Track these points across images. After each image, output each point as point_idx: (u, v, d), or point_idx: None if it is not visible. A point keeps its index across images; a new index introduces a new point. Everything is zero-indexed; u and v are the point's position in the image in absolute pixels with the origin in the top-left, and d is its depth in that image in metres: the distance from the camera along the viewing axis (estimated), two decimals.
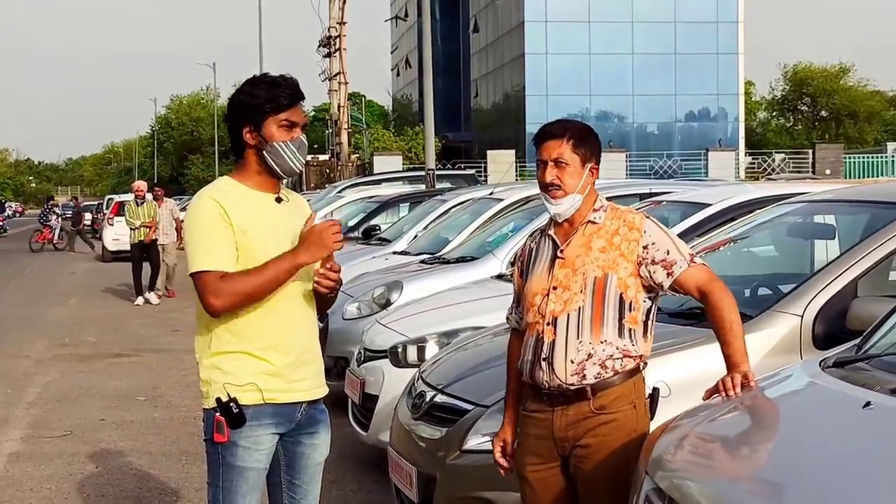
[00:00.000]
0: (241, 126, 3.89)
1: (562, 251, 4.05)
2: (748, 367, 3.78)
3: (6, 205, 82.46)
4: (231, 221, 3.80)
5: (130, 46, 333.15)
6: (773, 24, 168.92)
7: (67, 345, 14.08)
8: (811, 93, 72.61)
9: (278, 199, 3.96)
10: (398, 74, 77.23)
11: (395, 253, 12.34)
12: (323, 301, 4.00)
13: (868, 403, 3.13)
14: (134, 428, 8.96)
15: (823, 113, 74.28)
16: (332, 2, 44.53)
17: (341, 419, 8.21)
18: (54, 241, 38.81)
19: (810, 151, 46.23)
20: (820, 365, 3.71)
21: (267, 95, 3.85)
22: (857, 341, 3.92)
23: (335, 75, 44.69)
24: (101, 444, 8.39)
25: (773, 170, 46.05)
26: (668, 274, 3.91)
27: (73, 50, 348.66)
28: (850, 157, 47.19)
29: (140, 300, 18.93)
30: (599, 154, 4.18)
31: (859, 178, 43.56)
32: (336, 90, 44.75)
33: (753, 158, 50.46)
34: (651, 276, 3.93)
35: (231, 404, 3.80)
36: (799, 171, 44.54)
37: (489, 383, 5.00)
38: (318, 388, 4.02)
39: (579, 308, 3.94)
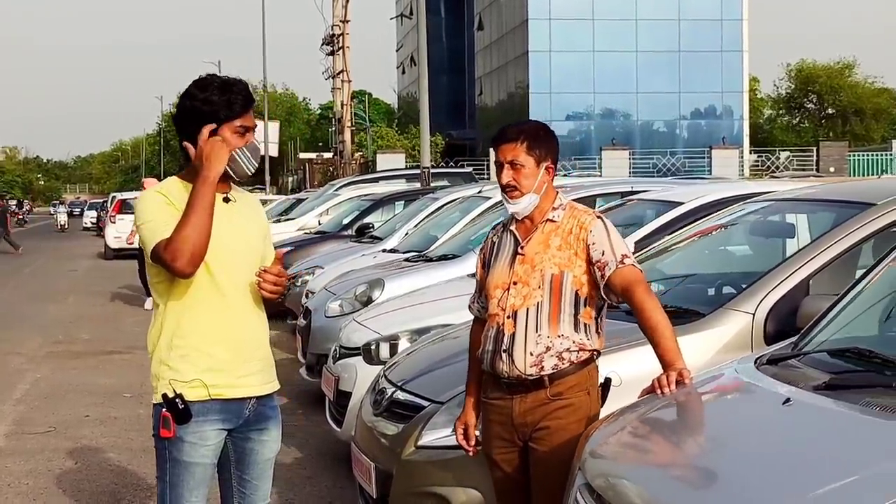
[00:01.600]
0: (195, 132, 3.94)
1: (522, 248, 4.21)
2: (683, 365, 3.85)
3: (23, 202, 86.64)
4: (176, 208, 3.86)
5: (137, 45, 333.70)
6: (779, 20, 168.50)
7: (61, 342, 14.17)
8: (817, 90, 72.39)
9: (226, 199, 4.01)
10: (403, 72, 77.16)
11: (384, 251, 12.41)
12: (267, 301, 4.05)
13: (788, 400, 3.19)
14: (117, 424, 9.03)
15: (830, 110, 74.06)
16: (335, 0, 44.63)
17: (322, 416, 8.30)
18: None
19: (814, 149, 46.20)
20: (755, 362, 3.77)
21: (220, 101, 3.89)
22: (794, 338, 3.98)
23: (338, 73, 44.82)
24: (83, 441, 8.46)
25: (778, 167, 46.03)
26: (602, 275, 4.03)
27: (82, 49, 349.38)
28: (854, 155, 47.12)
29: (149, 303, 18.26)
30: (556, 153, 4.34)
31: (863, 175, 43.57)
32: (339, 88, 44.89)
33: (758, 156, 50.43)
34: (594, 276, 4.06)
35: (177, 400, 3.87)
36: (803, 169, 44.55)
37: (446, 380, 5.09)
38: (266, 383, 4.08)
39: (538, 303, 4.12)
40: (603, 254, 4.06)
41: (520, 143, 4.21)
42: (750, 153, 52.01)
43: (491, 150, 4.67)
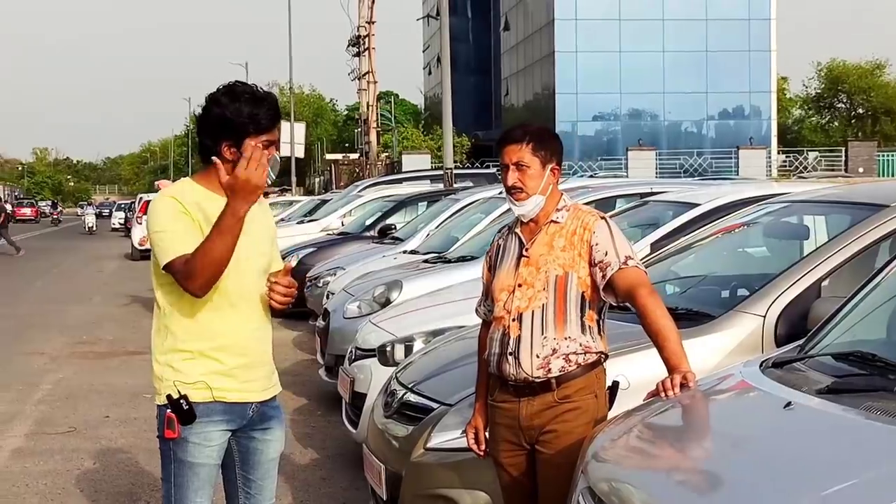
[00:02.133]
0: (219, 140, 3.93)
1: (527, 250, 4.21)
2: (687, 368, 3.82)
3: (57, 203, 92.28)
4: (192, 217, 3.87)
5: (165, 47, 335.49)
6: (807, 20, 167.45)
7: (84, 342, 14.26)
8: (847, 90, 71.97)
9: None
10: (430, 73, 77.20)
11: (404, 252, 12.41)
12: (272, 308, 4.07)
13: (789, 404, 3.17)
14: (136, 425, 9.07)
15: (860, 110, 73.63)
16: (361, 1, 44.72)
17: (340, 417, 8.31)
18: None
19: (843, 149, 45.89)
20: (760, 365, 3.75)
21: (249, 114, 3.87)
22: (800, 341, 3.96)
23: (364, 74, 44.94)
24: (103, 441, 8.52)
25: (806, 168, 45.78)
26: (603, 276, 4.01)
27: (111, 50, 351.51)
28: (883, 155, 46.79)
29: None
30: (561, 155, 4.33)
31: (893, 175, 43.31)
32: (365, 89, 45.01)
33: (786, 156, 50.17)
34: (594, 277, 4.04)
35: (181, 401, 3.89)
36: (832, 169, 44.28)
37: (455, 382, 5.10)
38: (268, 388, 4.10)
39: (543, 305, 4.11)
40: (606, 254, 4.04)
41: (525, 145, 4.20)
42: (778, 153, 51.74)
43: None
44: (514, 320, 4.14)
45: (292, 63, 44.22)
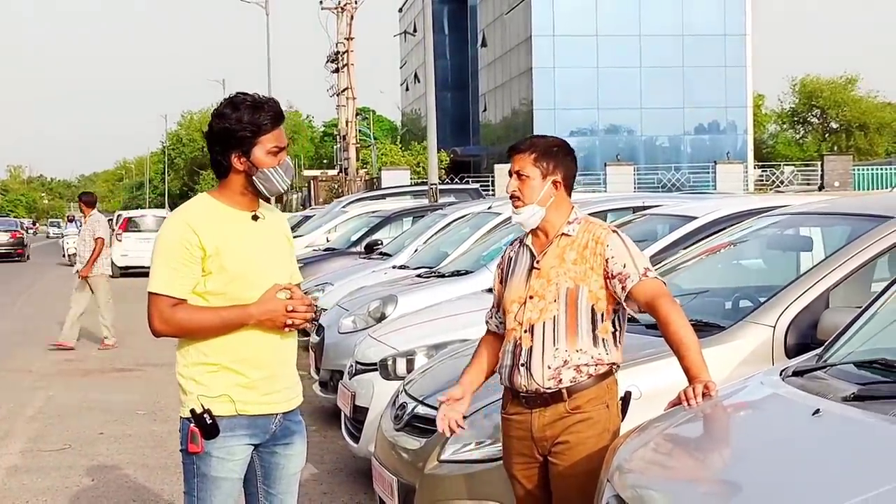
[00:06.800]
0: (228, 152, 3.97)
1: (538, 262, 4.22)
2: (708, 377, 3.87)
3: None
4: (203, 245, 3.89)
5: (141, 64, 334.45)
6: (782, 36, 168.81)
7: (71, 359, 14.18)
8: (821, 105, 72.54)
9: (254, 217, 4.04)
10: (407, 89, 77.40)
11: (394, 267, 12.43)
12: None
13: (817, 411, 3.21)
14: (132, 441, 9.04)
15: (833, 125, 74.20)
16: (339, 18, 44.82)
17: (336, 432, 8.31)
18: None
19: (819, 164, 46.22)
20: (780, 374, 3.79)
21: (250, 121, 3.92)
22: (818, 350, 4.00)
23: (343, 90, 45.00)
24: (99, 458, 8.48)
25: (783, 182, 46.08)
26: (623, 288, 4.06)
27: (86, 67, 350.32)
28: (858, 169, 47.12)
29: None
30: (569, 170, 4.35)
31: (868, 189, 43.58)
32: (344, 105, 45.08)
33: (763, 171, 50.49)
34: (613, 290, 4.07)
35: (205, 415, 3.89)
36: (808, 184, 44.60)
37: None
38: (292, 399, 4.11)
39: (554, 317, 4.14)
40: (624, 266, 4.08)
41: (528, 155, 4.25)
42: (755, 168, 52.04)
43: (493, 167, 4.68)
44: (525, 332, 4.17)
45: (271, 81, 44.21)
